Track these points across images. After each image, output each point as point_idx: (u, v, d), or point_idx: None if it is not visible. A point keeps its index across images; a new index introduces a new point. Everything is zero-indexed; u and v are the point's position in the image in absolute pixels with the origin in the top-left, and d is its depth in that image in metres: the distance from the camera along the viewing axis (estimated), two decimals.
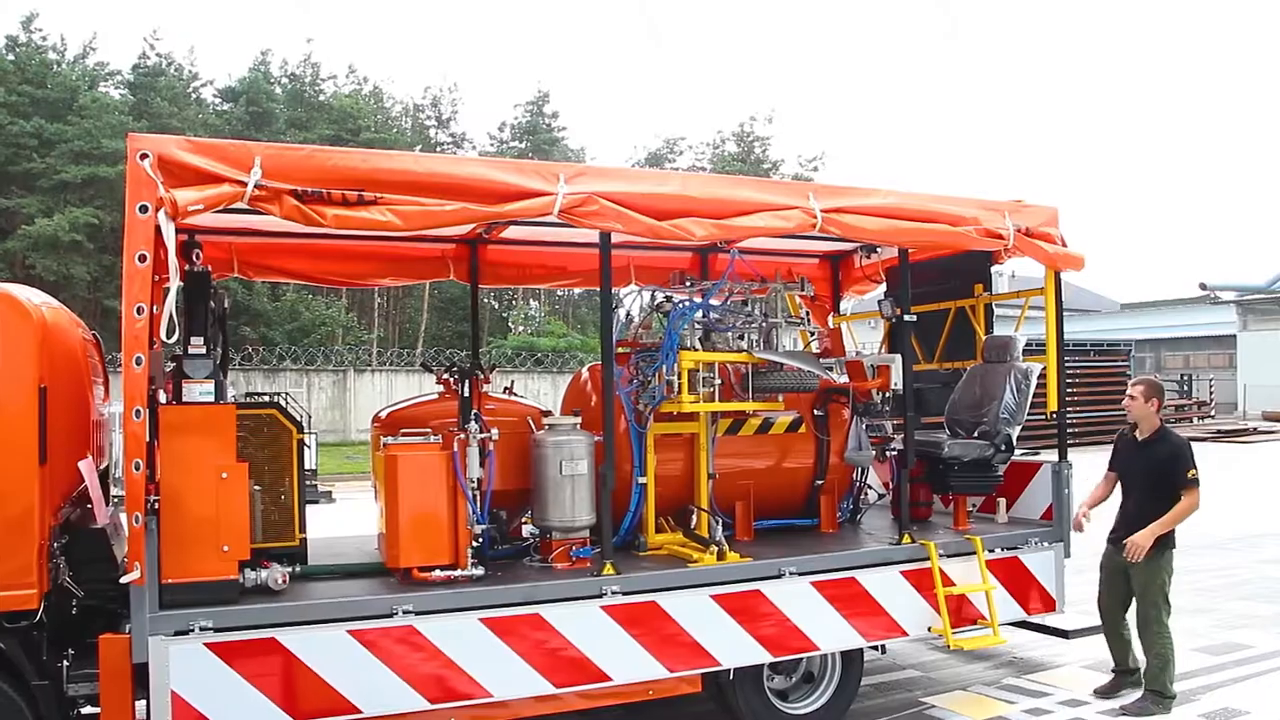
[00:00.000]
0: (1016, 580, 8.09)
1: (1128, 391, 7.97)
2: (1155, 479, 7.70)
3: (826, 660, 7.59)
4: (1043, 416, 9.08)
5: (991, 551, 7.94)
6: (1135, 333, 52.34)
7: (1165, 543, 7.66)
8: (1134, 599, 7.92)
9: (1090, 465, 9.52)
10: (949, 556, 7.73)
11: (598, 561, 6.78)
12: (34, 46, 50.78)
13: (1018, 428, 8.62)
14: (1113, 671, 8.20)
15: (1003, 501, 8.82)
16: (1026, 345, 9.07)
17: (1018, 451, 8.75)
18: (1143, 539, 7.55)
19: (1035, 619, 8.54)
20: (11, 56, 48.83)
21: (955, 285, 9.60)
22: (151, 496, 5.55)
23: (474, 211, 6.15)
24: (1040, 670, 8.97)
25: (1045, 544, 8.29)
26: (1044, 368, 8.56)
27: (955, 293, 9.65)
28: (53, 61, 50.96)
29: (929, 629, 7.62)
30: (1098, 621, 8.29)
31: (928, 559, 7.58)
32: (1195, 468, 7.57)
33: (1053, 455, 8.67)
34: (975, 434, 8.68)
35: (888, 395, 8.17)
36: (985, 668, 9.12)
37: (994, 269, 9.60)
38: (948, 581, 7.62)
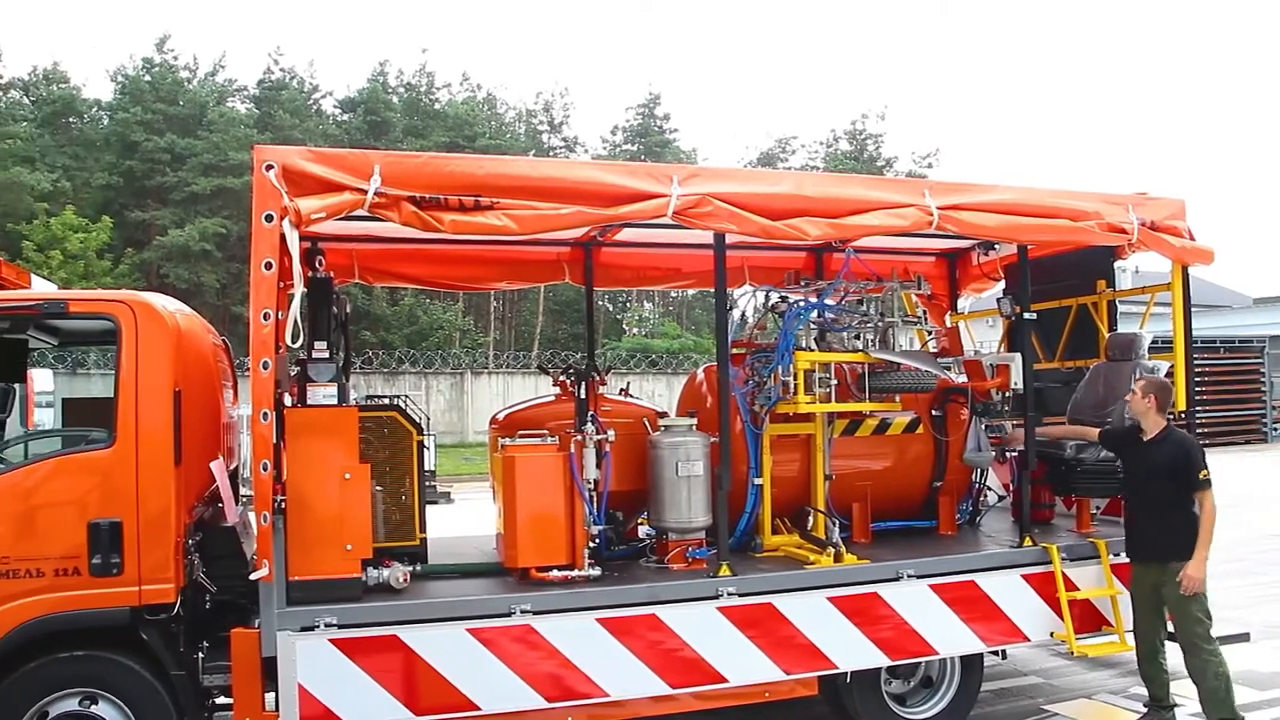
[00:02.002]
0: None
1: (1133, 390, 7.38)
2: (1164, 481, 7.10)
3: (945, 665, 7.46)
4: (1171, 416, 8.79)
5: (1117, 555, 7.70)
6: (1269, 328, 50.21)
7: (1185, 552, 7.00)
8: (1169, 622, 7.38)
9: (1220, 466, 9.19)
10: (1072, 560, 7.53)
11: (714, 562, 6.78)
12: (167, 66, 52.91)
13: None
14: (1147, 707, 7.57)
15: None
16: (1152, 342, 8.79)
17: None
18: (1196, 570, 6.93)
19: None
20: (148, 77, 50.87)
21: (1077, 282, 9.36)
22: (279, 496, 5.72)
23: (588, 214, 6.21)
24: (1170, 679, 8.65)
25: None
26: (1171, 366, 8.29)
27: (1077, 289, 9.40)
28: (184, 79, 52.94)
29: (1051, 634, 7.44)
30: (1236, 629, 7.97)
31: (1050, 562, 7.40)
32: (1207, 467, 7.03)
33: None
34: None
35: (1007, 395, 8.01)
36: (1111, 675, 8.87)
37: (1117, 264, 9.34)
38: (1071, 586, 7.42)
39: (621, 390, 8.30)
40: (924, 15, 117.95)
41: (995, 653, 7.76)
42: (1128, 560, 7.47)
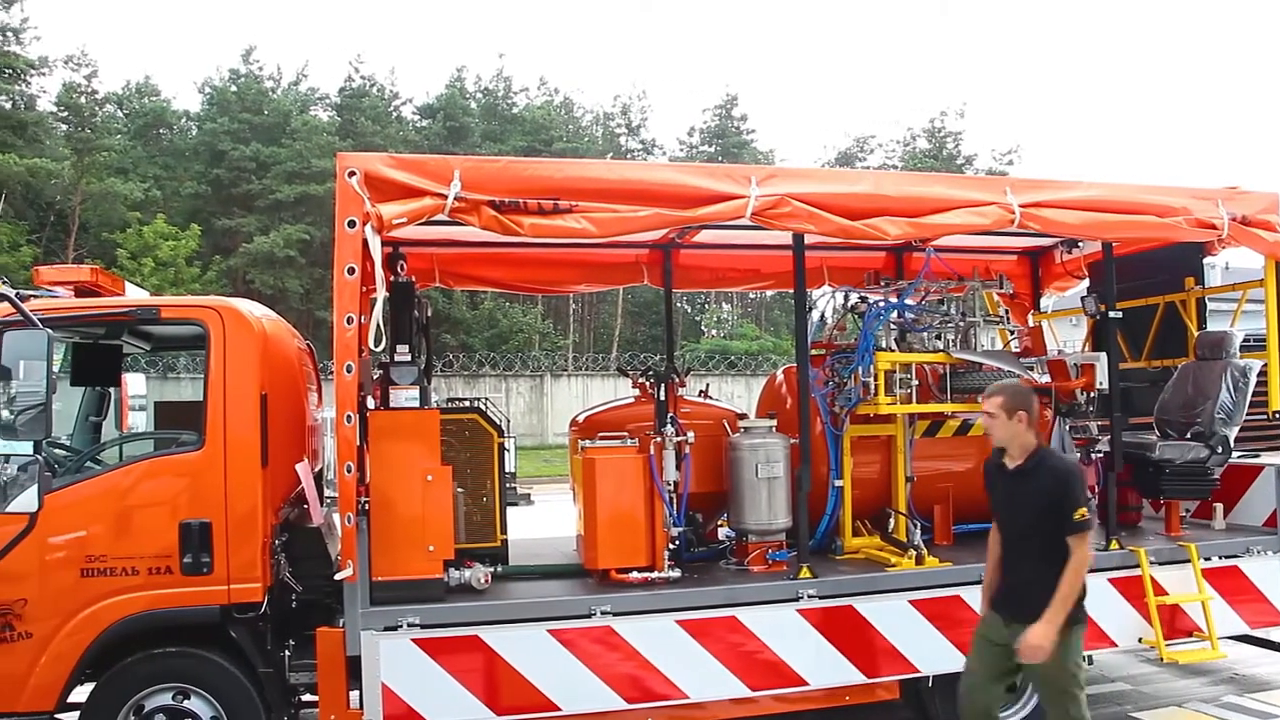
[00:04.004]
0: (1237, 591, 7.61)
1: (983, 408, 5.71)
2: (1035, 520, 5.46)
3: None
4: (1264, 416, 8.55)
5: (1208, 560, 7.52)
6: None
7: (1072, 618, 5.42)
8: (1028, 690, 6.94)
9: None
10: (1161, 564, 7.37)
11: (794, 565, 6.75)
12: (252, 77, 54.06)
13: (1235, 428, 8.15)
14: None
15: (1219, 507, 8.35)
16: (1244, 341, 8.58)
17: (1236, 454, 8.28)
18: (1042, 637, 5.25)
19: (1259, 633, 8.04)
20: (234, 88, 52.07)
21: (1164, 279, 9.17)
22: (362, 498, 5.82)
23: (667, 216, 6.23)
24: (1266, 690, 8.42)
25: (1269, 552, 7.76)
26: (1264, 364, 8.08)
27: (1164, 287, 9.21)
28: (269, 89, 54.03)
29: (1140, 640, 7.28)
30: None
31: (1138, 566, 7.24)
32: (1086, 505, 5.36)
33: (1276, 458, 8.17)
34: (1188, 435, 8.25)
35: (1092, 395, 7.87)
36: (1202, 683, 8.65)
37: (1207, 261, 9.14)
38: (1160, 590, 7.26)
39: (701, 392, 8.31)
40: (1002, 9, 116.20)
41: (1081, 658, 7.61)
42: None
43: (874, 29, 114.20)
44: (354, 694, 5.89)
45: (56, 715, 5.71)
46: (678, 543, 6.85)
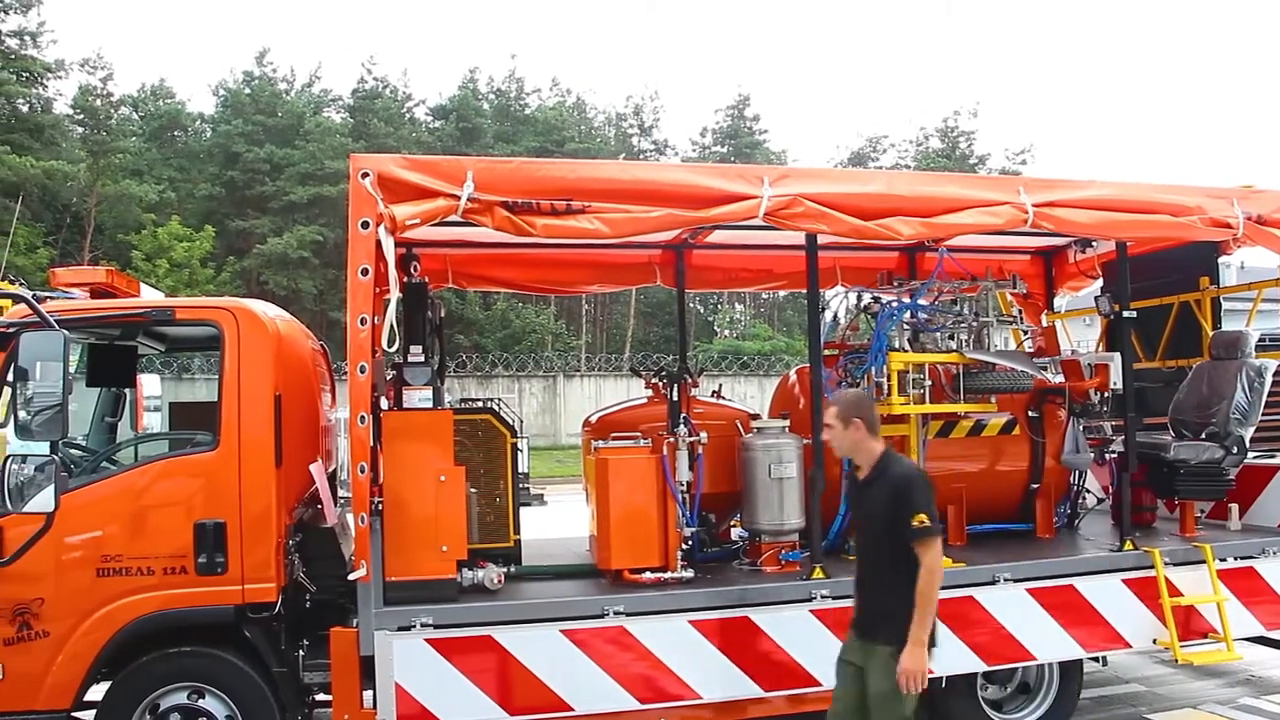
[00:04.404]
0: (1253, 592, 7.57)
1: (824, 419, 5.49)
2: (881, 533, 5.15)
3: (1043, 671, 7.32)
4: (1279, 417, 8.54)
5: (1223, 560, 7.48)
6: None
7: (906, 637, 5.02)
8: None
9: None
10: (1176, 565, 7.32)
11: (807, 565, 6.74)
12: (266, 79, 54.24)
13: (1250, 429, 8.12)
14: None
15: (1235, 507, 8.32)
16: (1260, 340, 8.55)
17: (1251, 454, 8.25)
18: (914, 661, 4.94)
19: (1275, 635, 7.98)
20: (248, 90, 52.25)
21: (1178, 278, 9.15)
22: (376, 498, 5.84)
23: (680, 217, 6.24)
24: None
25: None
26: (1279, 365, 8.05)
27: (1179, 286, 9.19)
28: (282, 91, 54.21)
29: (1154, 641, 7.24)
30: None
31: (1152, 567, 7.21)
32: (928, 511, 5.00)
33: None
34: (1203, 435, 8.22)
35: (1106, 395, 7.85)
36: (1217, 685, 8.62)
37: (1221, 260, 9.12)
38: (1175, 591, 7.22)
39: (714, 392, 8.31)
40: (1015, 8, 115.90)
41: (1095, 659, 7.58)
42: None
43: (887, 28, 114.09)
44: (368, 694, 5.90)
45: (73, 714, 5.75)
46: (690, 543, 6.85)
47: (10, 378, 5.56)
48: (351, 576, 5.79)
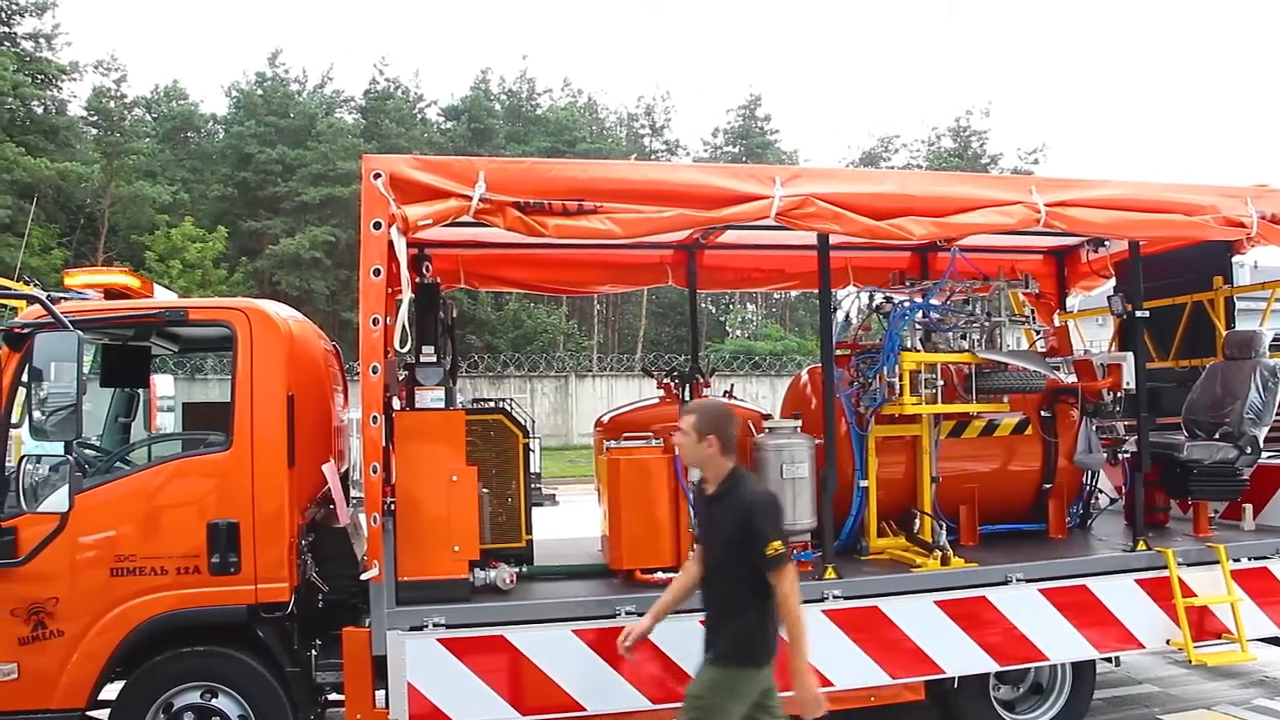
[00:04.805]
0: (1267, 592, 7.53)
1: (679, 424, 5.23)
2: (732, 556, 4.89)
3: (1056, 671, 7.31)
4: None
5: (1237, 561, 7.46)
6: None
7: (747, 656, 4.91)
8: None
9: None
10: (1189, 565, 7.30)
11: (819, 565, 6.74)
12: (278, 80, 54.39)
13: (1265, 428, 8.08)
14: None
15: (1249, 508, 8.28)
16: (1273, 340, 8.52)
17: (1265, 454, 8.22)
18: (805, 690, 4.82)
19: None
20: (260, 91, 52.42)
21: (1192, 278, 9.12)
22: (388, 498, 5.85)
23: (691, 217, 6.23)
24: None
25: None
26: None
27: (1192, 286, 9.16)
28: (294, 92, 54.36)
29: (1167, 642, 7.22)
30: None
31: (1165, 567, 7.19)
32: (779, 537, 4.81)
33: None
34: (1217, 435, 8.19)
35: (1119, 395, 7.83)
36: (1231, 686, 8.59)
37: (1235, 259, 9.08)
38: (1188, 592, 7.20)
39: (725, 392, 8.31)
40: (1027, 7, 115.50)
41: (1108, 659, 7.57)
42: None
43: (899, 28, 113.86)
44: (380, 693, 5.92)
45: (88, 713, 5.78)
46: None
47: (25, 378, 5.60)
48: (364, 576, 5.80)
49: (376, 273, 5.63)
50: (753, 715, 4.95)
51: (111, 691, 5.88)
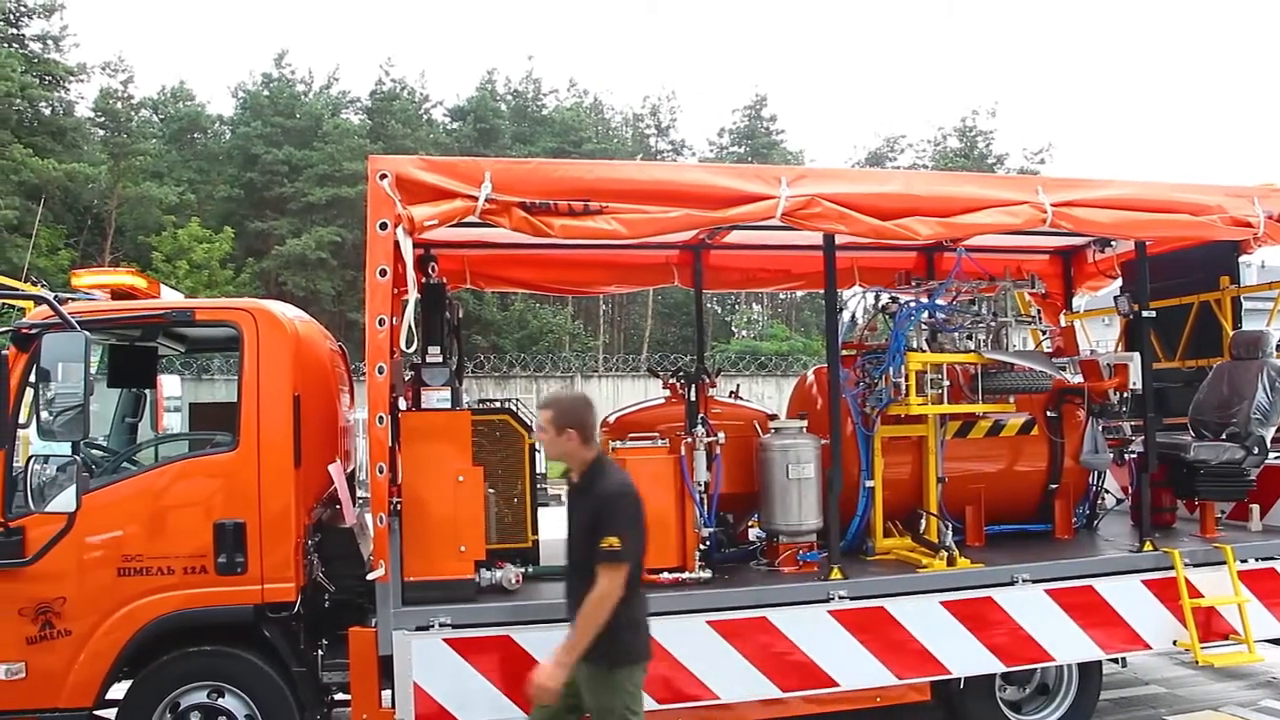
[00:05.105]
0: (1274, 593, 7.51)
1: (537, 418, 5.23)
2: (580, 544, 4.92)
3: (1062, 672, 7.31)
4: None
5: (1244, 561, 7.44)
6: None
7: (618, 656, 4.87)
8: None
9: None
10: (1196, 566, 7.29)
11: (825, 565, 6.74)
12: (285, 81, 54.37)
13: (1272, 429, 8.07)
14: None
15: (1256, 508, 8.27)
16: None
17: (1272, 454, 8.21)
18: (546, 677, 4.77)
19: None
20: (266, 92, 52.46)
21: (1198, 278, 9.11)
22: (394, 499, 5.86)
23: (697, 217, 6.24)
24: None
25: None
26: None
27: (1198, 286, 9.15)
28: (300, 93, 54.36)
29: (1174, 643, 7.21)
30: None
31: (1172, 568, 7.18)
32: (624, 532, 4.73)
33: None
34: (1223, 435, 8.17)
35: (1125, 395, 7.82)
36: (1239, 687, 8.57)
37: (1242, 259, 9.07)
38: (1195, 592, 7.18)
39: (731, 393, 8.30)
40: (1032, 8, 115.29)
41: (1114, 660, 7.55)
42: None
43: (904, 28, 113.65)
44: (386, 693, 5.94)
45: (95, 712, 5.80)
46: (708, 543, 6.85)
47: (33, 379, 5.60)
48: (370, 576, 5.81)
49: (383, 273, 5.64)
50: (569, 699, 4.95)
51: (119, 691, 5.89)
